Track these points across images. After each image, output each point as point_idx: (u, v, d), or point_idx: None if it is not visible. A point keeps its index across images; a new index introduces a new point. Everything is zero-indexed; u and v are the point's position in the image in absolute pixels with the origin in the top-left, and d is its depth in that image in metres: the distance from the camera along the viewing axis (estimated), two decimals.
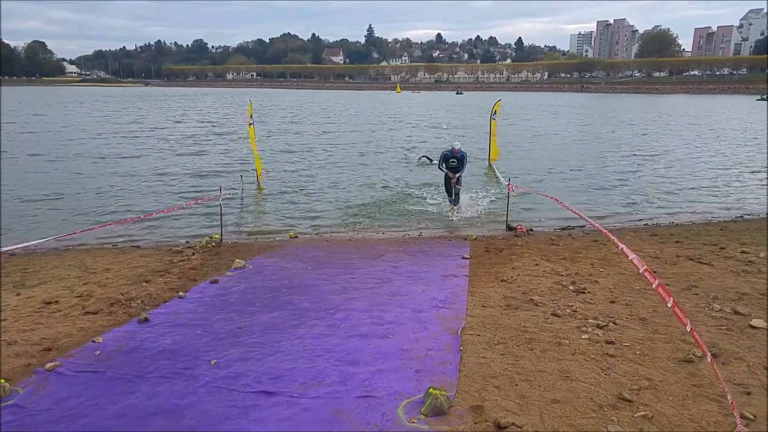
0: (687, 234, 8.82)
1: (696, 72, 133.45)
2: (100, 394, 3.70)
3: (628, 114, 43.98)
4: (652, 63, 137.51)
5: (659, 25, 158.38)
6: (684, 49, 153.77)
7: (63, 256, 7.70)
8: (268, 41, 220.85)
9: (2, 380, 3.73)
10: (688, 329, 3.00)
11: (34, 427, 3.32)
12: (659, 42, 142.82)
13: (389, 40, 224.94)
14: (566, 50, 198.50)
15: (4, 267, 6.96)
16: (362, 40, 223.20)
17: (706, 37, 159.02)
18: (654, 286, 3.23)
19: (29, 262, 7.23)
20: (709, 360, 2.99)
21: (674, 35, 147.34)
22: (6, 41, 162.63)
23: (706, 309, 5.30)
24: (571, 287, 6.03)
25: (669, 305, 3.09)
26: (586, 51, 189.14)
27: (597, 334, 4.72)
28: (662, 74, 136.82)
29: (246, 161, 16.42)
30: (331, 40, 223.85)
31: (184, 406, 3.58)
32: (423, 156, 17.17)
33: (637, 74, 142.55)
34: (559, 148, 21.41)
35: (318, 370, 4.08)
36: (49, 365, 4.06)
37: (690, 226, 9.71)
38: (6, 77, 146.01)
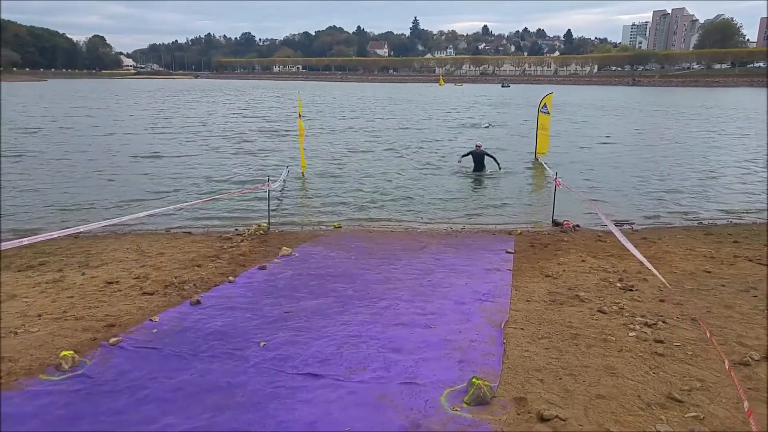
0: (746, 234, 8.38)
1: (761, 64, 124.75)
2: (159, 369, 3.94)
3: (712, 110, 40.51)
4: (713, 54, 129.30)
5: (722, 14, 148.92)
6: (749, 40, 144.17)
7: (121, 240, 8.15)
8: (313, 34, 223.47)
9: (72, 351, 4.03)
10: None
11: (101, 396, 3.58)
12: (721, 32, 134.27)
13: (434, 32, 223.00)
14: (618, 42, 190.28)
15: (69, 248, 7.45)
16: (407, 33, 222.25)
17: None
18: None
19: (92, 245, 7.70)
20: None
21: (738, 24, 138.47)
22: (69, 35, 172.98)
23: (766, 312, 5.05)
24: (619, 284, 5.89)
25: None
26: (640, 42, 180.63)
27: (645, 332, 4.59)
28: (723, 66, 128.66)
29: (294, 155, 16.26)
30: (377, 33, 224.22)
31: (235, 384, 3.76)
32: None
33: (695, 66, 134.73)
34: (638, 151, 19.08)
35: (362, 356, 4.18)
36: (112, 340, 4.35)
37: (751, 225, 9.22)
38: (69, 70, 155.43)
